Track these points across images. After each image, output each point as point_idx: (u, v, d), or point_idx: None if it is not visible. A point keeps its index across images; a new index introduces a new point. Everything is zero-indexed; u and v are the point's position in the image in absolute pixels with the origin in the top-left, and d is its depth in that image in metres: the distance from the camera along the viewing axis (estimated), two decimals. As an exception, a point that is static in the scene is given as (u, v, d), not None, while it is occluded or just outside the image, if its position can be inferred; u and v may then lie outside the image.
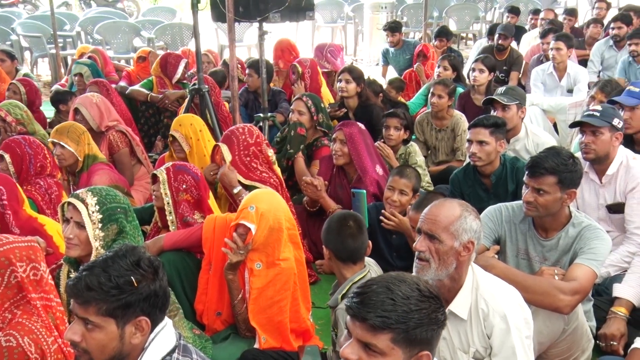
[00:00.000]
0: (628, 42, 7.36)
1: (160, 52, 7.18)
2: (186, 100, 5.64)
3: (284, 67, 7.28)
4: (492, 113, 4.66)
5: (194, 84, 5.50)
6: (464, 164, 4.55)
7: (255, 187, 3.86)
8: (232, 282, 3.26)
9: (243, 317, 3.30)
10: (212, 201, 3.78)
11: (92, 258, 2.75)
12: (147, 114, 6.43)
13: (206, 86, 5.39)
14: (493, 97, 4.75)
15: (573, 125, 3.98)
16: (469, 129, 4.17)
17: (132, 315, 1.99)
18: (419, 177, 4.09)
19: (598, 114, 3.70)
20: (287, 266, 3.27)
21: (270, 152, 4.18)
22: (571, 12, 10.25)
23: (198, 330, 3.25)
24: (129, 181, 4.95)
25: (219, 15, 5.09)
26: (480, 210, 3.29)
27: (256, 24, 5.29)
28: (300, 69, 6.52)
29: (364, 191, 3.77)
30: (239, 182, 3.98)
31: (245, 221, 3.16)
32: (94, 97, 5.22)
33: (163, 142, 6.15)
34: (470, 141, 4.09)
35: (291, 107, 5.23)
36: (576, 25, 9.94)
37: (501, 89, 4.83)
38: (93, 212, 2.93)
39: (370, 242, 3.12)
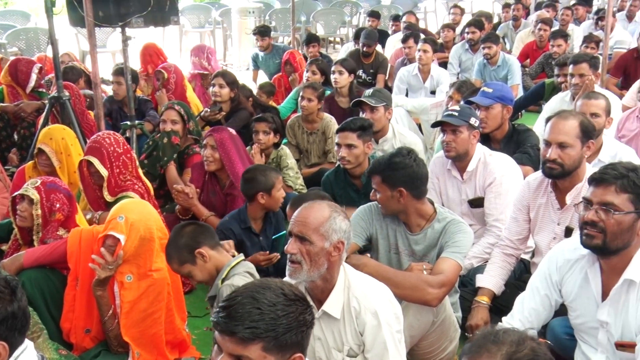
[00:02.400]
0: (482, 46, 7.86)
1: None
2: (45, 110, 5.32)
3: (152, 73, 7.12)
4: (361, 115, 4.80)
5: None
6: (335, 165, 4.64)
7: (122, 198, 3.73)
8: (102, 299, 3.13)
9: (115, 333, 3.18)
10: (79, 216, 3.61)
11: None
12: (-3, 127, 5.99)
13: (67, 94, 5.13)
14: (361, 99, 4.88)
15: (434, 125, 4.16)
16: (337, 132, 4.26)
17: (-14, 341, 1.86)
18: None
19: (457, 114, 3.90)
20: (160, 277, 3.19)
21: (135, 156, 4.05)
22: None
23: (65, 350, 3.10)
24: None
25: (77, 19, 4.86)
26: (351, 210, 3.39)
27: (119, 29, 5.11)
28: (165, 75, 6.40)
29: (285, 232, 3.77)
30: (106, 201, 3.82)
31: (114, 232, 3.05)
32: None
33: (18, 154, 5.77)
34: (339, 145, 4.19)
35: (162, 116, 5.07)
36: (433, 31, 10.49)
37: (369, 91, 4.97)
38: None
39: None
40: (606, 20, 7.23)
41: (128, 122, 5.38)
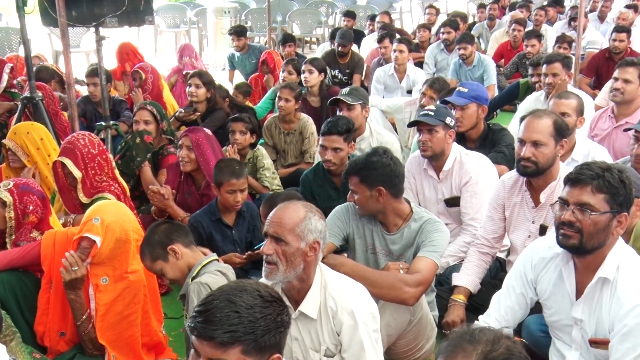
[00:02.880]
0: (457, 47, 7.90)
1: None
2: (18, 111, 5.25)
3: (130, 71, 7.12)
4: (338, 113, 4.82)
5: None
6: (314, 164, 4.64)
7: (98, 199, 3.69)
8: (75, 302, 3.08)
9: (90, 336, 3.15)
10: (53, 218, 3.57)
11: None
12: (-30, 128, 5.89)
13: (39, 94, 5.06)
14: (338, 97, 4.90)
15: (410, 124, 4.18)
16: (322, 135, 4.22)
17: (-43, 346, 1.83)
18: None
19: (432, 113, 3.91)
20: (136, 278, 3.17)
21: (111, 157, 4.01)
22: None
23: (38, 353, 3.06)
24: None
25: (49, 19, 4.78)
26: (330, 208, 3.39)
27: (92, 29, 5.05)
28: (143, 75, 6.37)
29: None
30: (82, 202, 3.78)
31: (89, 234, 3.02)
32: None
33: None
34: (324, 147, 4.18)
35: (134, 117, 5.03)
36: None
37: (345, 90, 5.00)
38: None
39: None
40: (578, 21, 7.32)
41: (103, 123, 5.33)
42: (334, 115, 4.80)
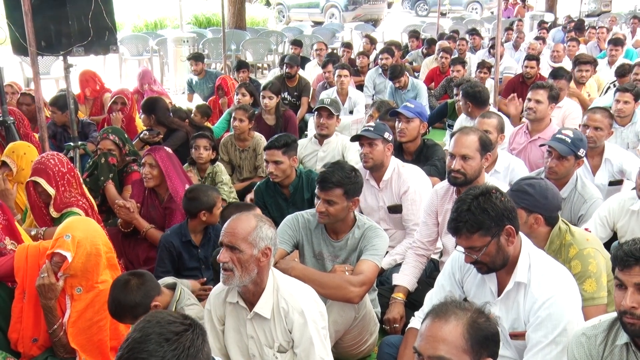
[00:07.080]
0: (392, 82, 7.99)
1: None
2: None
3: (91, 95, 7.05)
4: (320, 120, 5.16)
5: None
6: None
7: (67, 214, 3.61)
8: (47, 311, 2.98)
9: (62, 342, 3.05)
10: (23, 233, 3.46)
11: None
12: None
13: (11, 118, 4.93)
14: (324, 105, 5.18)
15: (353, 139, 4.21)
16: (264, 150, 4.25)
17: None
18: None
19: (372, 129, 3.97)
20: (105, 287, 3.08)
21: (79, 174, 3.93)
22: (348, 45, 10.95)
23: (12, 358, 2.96)
24: None
25: (20, 48, 4.65)
26: (280, 217, 3.38)
27: (61, 57, 4.94)
28: (127, 101, 6.31)
29: None
30: (52, 217, 3.68)
31: (61, 250, 2.93)
32: None
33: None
34: (267, 161, 4.19)
35: (98, 145, 4.91)
36: (352, 57, 10.63)
37: (327, 100, 5.28)
38: None
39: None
40: (496, 50, 7.54)
41: (72, 144, 5.22)
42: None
